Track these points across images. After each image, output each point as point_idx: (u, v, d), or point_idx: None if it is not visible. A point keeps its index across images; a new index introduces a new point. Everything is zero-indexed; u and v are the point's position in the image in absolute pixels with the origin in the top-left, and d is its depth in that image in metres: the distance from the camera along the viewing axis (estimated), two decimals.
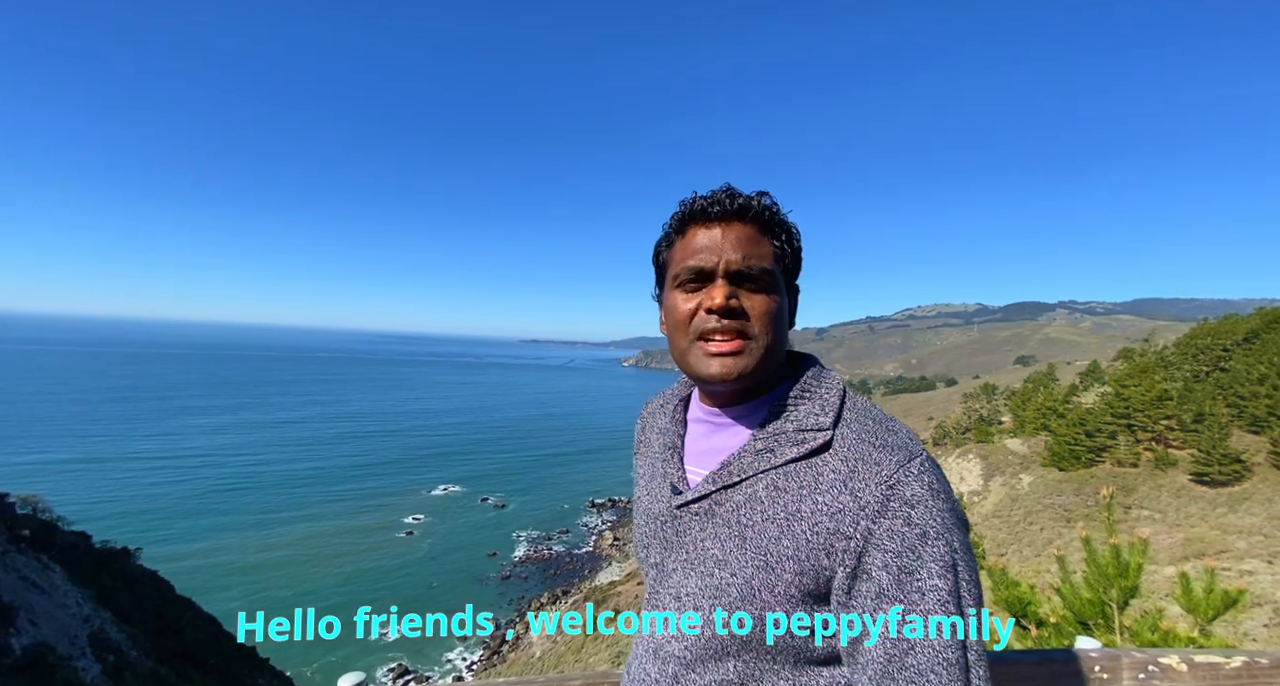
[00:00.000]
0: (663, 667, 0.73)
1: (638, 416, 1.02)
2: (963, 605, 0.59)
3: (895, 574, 0.59)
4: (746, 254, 0.70)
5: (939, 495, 0.62)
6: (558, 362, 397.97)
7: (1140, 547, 3.23)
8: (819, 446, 0.67)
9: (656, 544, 0.79)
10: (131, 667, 15.24)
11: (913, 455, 0.64)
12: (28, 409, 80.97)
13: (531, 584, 37.71)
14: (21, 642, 13.19)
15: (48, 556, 17.22)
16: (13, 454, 55.32)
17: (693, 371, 0.73)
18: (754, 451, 0.71)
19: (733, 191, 0.73)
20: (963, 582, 0.60)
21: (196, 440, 67.90)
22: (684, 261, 0.73)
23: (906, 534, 0.59)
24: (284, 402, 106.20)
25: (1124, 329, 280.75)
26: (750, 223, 0.72)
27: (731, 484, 0.71)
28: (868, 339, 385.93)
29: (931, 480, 0.62)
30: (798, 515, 0.64)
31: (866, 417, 0.69)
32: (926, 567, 0.59)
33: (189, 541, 38.79)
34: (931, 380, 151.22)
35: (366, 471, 60.39)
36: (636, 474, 0.93)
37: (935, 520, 0.60)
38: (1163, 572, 15.98)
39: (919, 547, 0.59)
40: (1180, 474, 27.17)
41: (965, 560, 0.61)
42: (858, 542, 0.61)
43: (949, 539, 0.60)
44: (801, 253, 0.78)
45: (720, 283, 0.70)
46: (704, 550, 0.71)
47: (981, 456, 36.34)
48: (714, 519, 0.71)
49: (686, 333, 0.73)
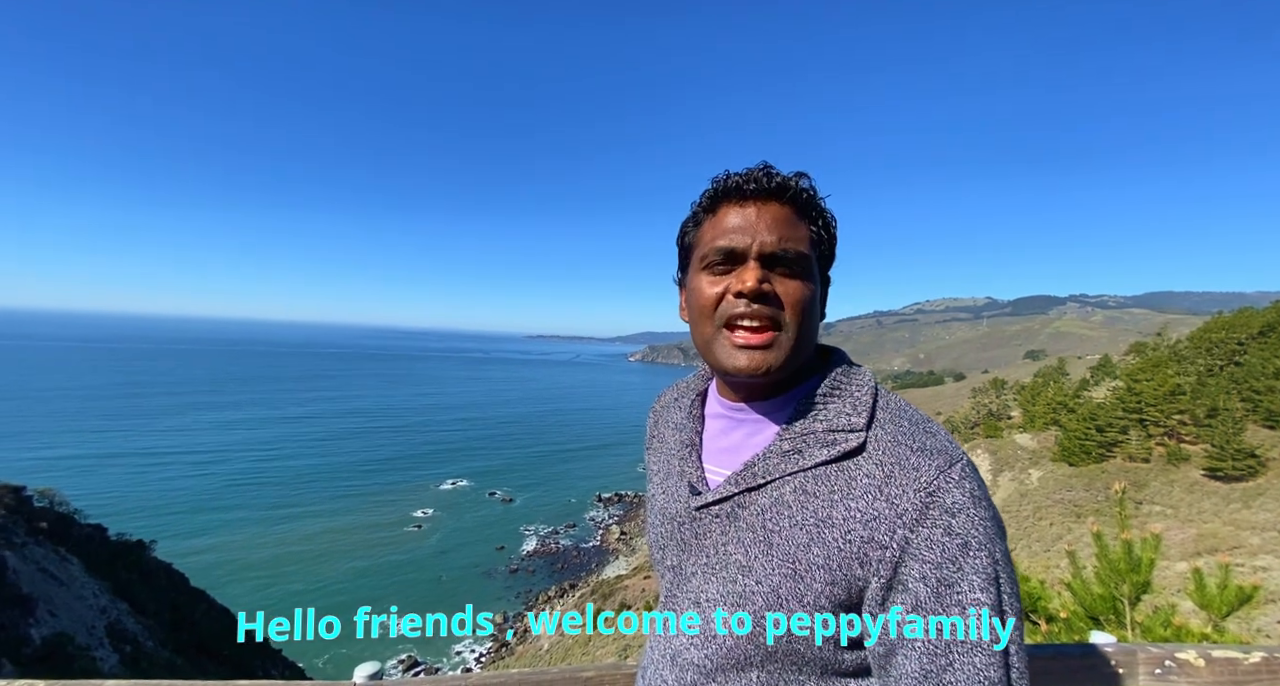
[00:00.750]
0: (680, 675, 0.70)
1: (650, 409, 0.96)
2: (1005, 618, 0.55)
3: (934, 586, 0.55)
4: (783, 236, 0.65)
5: (981, 503, 0.57)
6: (564, 358, 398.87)
7: (1153, 543, 3.20)
8: (852, 449, 0.62)
9: (674, 546, 0.75)
10: (148, 657, 15.52)
11: (953, 460, 0.59)
12: (44, 404, 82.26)
13: (539, 577, 37.98)
14: (41, 633, 13.46)
15: (65, 548, 17.53)
16: (30, 449, 56.28)
17: (717, 362, 0.68)
18: (780, 452, 0.66)
19: (770, 169, 0.68)
20: (1005, 596, 0.55)
21: (207, 436, 68.71)
22: (714, 241, 0.68)
23: (947, 544, 0.55)
24: (293, 398, 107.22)
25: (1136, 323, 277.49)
26: (788, 203, 0.67)
27: (756, 486, 0.66)
28: (875, 333, 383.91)
29: (973, 487, 0.58)
30: (829, 521, 0.60)
31: (902, 418, 0.65)
32: (968, 580, 0.55)
33: (201, 536, 39.35)
34: (940, 375, 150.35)
35: (375, 466, 60.92)
36: (650, 470, 0.87)
37: (978, 530, 0.56)
38: (1175, 568, 15.86)
39: (960, 559, 0.55)
40: (1193, 469, 26.89)
41: (1007, 572, 0.57)
42: (894, 552, 0.57)
43: (991, 549, 0.56)
44: (836, 241, 0.72)
45: (753, 265, 0.65)
46: (726, 555, 0.67)
47: (990, 451, 36.12)
48: (737, 522, 0.67)
49: (712, 319, 0.67)
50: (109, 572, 18.51)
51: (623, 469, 66.68)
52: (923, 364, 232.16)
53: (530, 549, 42.39)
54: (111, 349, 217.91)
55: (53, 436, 62.39)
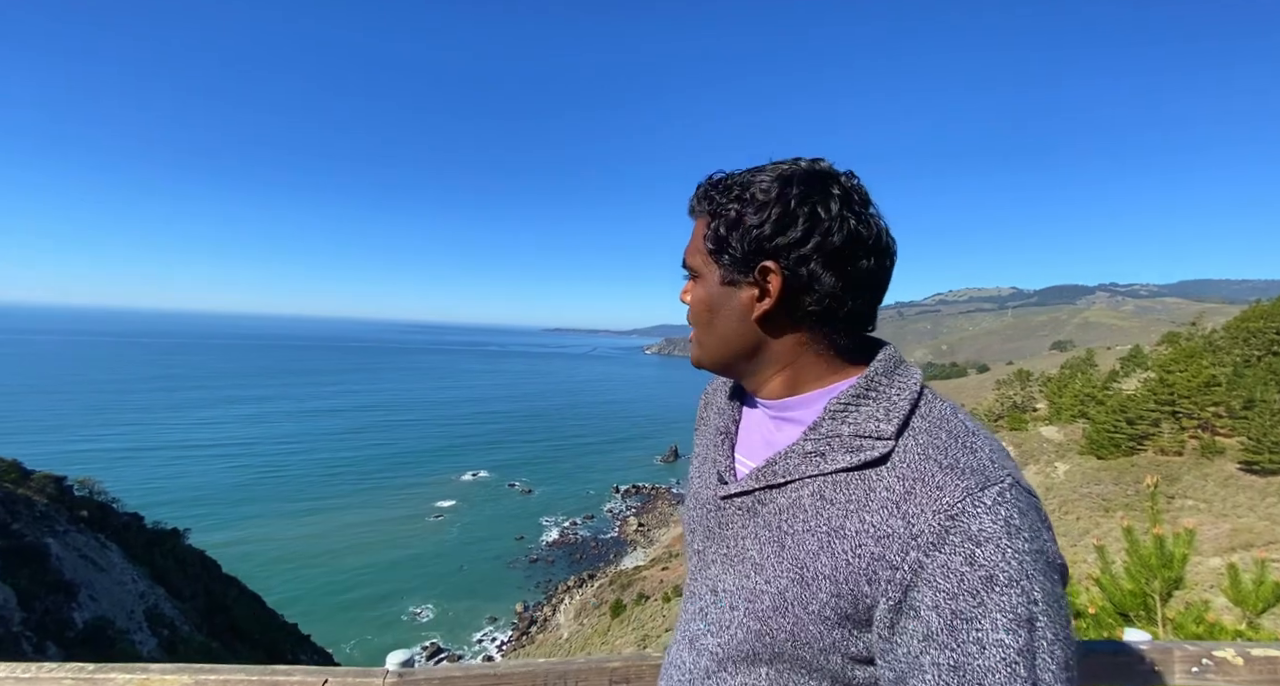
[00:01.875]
0: (696, 660, 0.71)
1: (703, 391, 0.96)
2: (1039, 670, 0.47)
3: (948, 618, 0.49)
4: (687, 251, 0.72)
5: (1019, 534, 0.50)
6: (581, 351, 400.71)
7: (1186, 538, 3.12)
8: (875, 458, 0.58)
9: (701, 531, 0.76)
10: (185, 642, 16.10)
11: (988, 481, 0.52)
12: (82, 397, 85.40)
13: (558, 567, 38.46)
14: (83, 617, 14.05)
15: (105, 536, 18.23)
16: (69, 441, 58.52)
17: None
18: (802, 453, 0.63)
19: (699, 188, 0.71)
20: (1041, 643, 0.47)
21: (236, 428, 70.64)
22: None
23: (967, 575, 0.49)
24: (318, 391, 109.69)
25: (1169, 312, 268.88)
26: (702, 216, 0.71)
27: (776, 484, 0.65)
28: (896, 325, 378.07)
29: (1010, 514, 0.51)
30: (841, 532, 0.57)
31: (940, 429, 0.59)
32: (990, 618, 0.48)
33: (231, 525, 40.58)
34: (963, 367, 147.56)
35: (397, 458, 62.13)
36: (694, 452, 0.89)
37: (1009, 563, 0.48)
38: (1208, 564, 15.45)
39: (982, 593, 0.48)
40: (1228, 462, 26.07)
41: (1049, 615, 0.48)
42: (905, 575, 0.52)
43: (1026, 587, 0.48)
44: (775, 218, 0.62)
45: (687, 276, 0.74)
46: (743, 549, 0.67)
47: (1015, 444, 35.41)
48: (756, 518, 0.66)
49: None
50: (146, 559, 19.22)
51: (640, 461, 66.98)
52: (945, 356, 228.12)
53: (550, 539, 42.92)
54: (144, 343, 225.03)
55: (91, 429, 64.80)
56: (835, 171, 0.65)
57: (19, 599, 12.95)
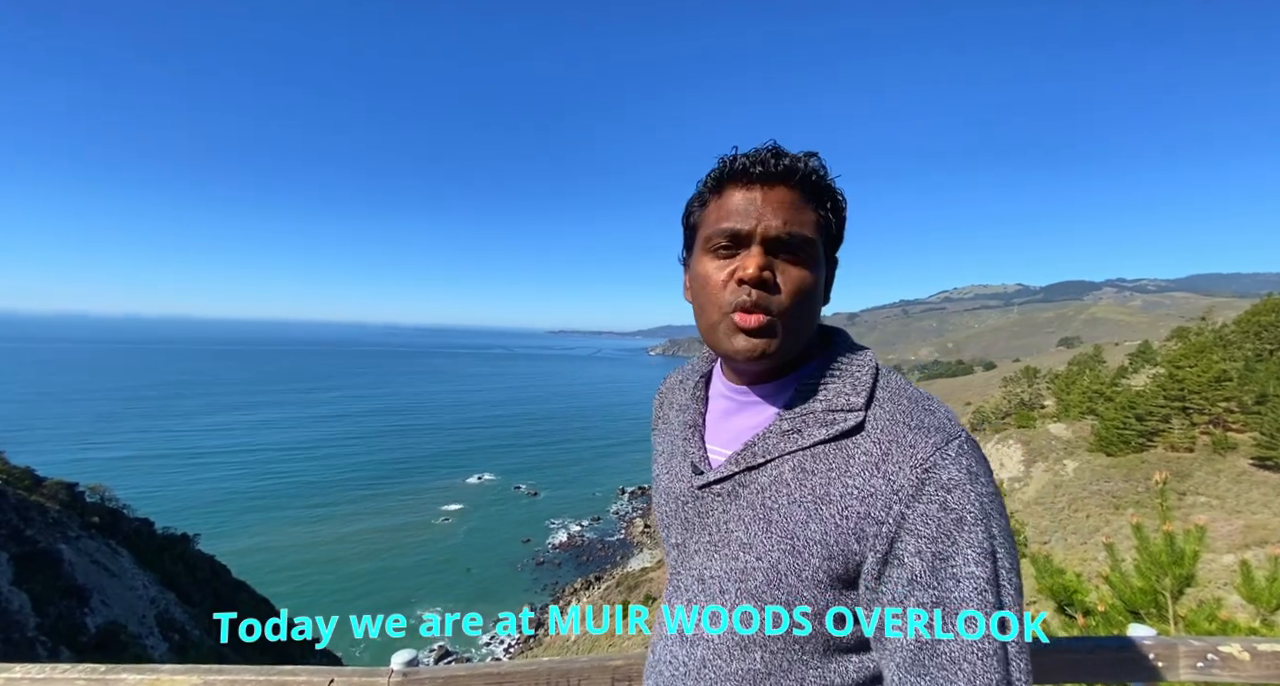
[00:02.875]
0: (690, 651, 0.71)
1: (656, 391, 0.98)
2: (1002, 594, 0.56)
3: (929, 560, 0.57)
4: (788, 220, 0.65)
5: (978, 479, 0.58)
6: (585, 353, 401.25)
7: (1197, 534, 3.08)
8: (850, 428, 0.64)
9: (678, 524, 0.76)
10: (195, 646, 16.20)
11: (950, 437, 0.60)
12: (91, 405, 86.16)
13: (565, 570, 38.46)
14: (95, 621, 14.17)
15: (116, 541, 18.39)
16: (81, 449, 59.10)
17: (719, 346, 0.69)
18: (780, 432, 0.67)
19: (778, 150, 0.66)
20: (1002, 571, 0.57)
21: (246, 435, 71.02)
22: (718, 223, 0.67)
23: (942, 519, 0.57)
24: (323, 397, 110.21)
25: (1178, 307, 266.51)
26: (795, 187, 0.66)
27: (756, 465, 0.68)
28: (902, 323, 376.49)
29: (970, 463, 0.59)
30: (826, 499, 0.62)
31: (901, 397, 0.65)
32: (962, 554, 0.56)
33: (240, 531, 40.81)
34: (969, 364, 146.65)
35: (404, 462, 62.33)
36: (655, 451, 0.89)
37: (973, 505, 0.57)
38: (1221, 561, 15.28)
39: (955, 533, 0.56)
40: (1240, 458, 25.77)
41: (1005, 547, 0.58)
42: (890, 527, 0.58)
43: (987, 525, 0.57)
44: (845, 222, 0.72)
45: (756, 250, 0.65)
46: (727, 532, 0.69)
47: (1023, 442, 35.14)
48: (738, 501, 0.69)
49: (717, 304, 0.67)
50: (157, 564, 19.38)
51: (646, 463, 66.35)
52: (951, 353, 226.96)
53: (556, 542, 42.93)
54: (152, 350, 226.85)
55: (101, 436, 65.41)
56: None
57: (33, 604, 13.08)
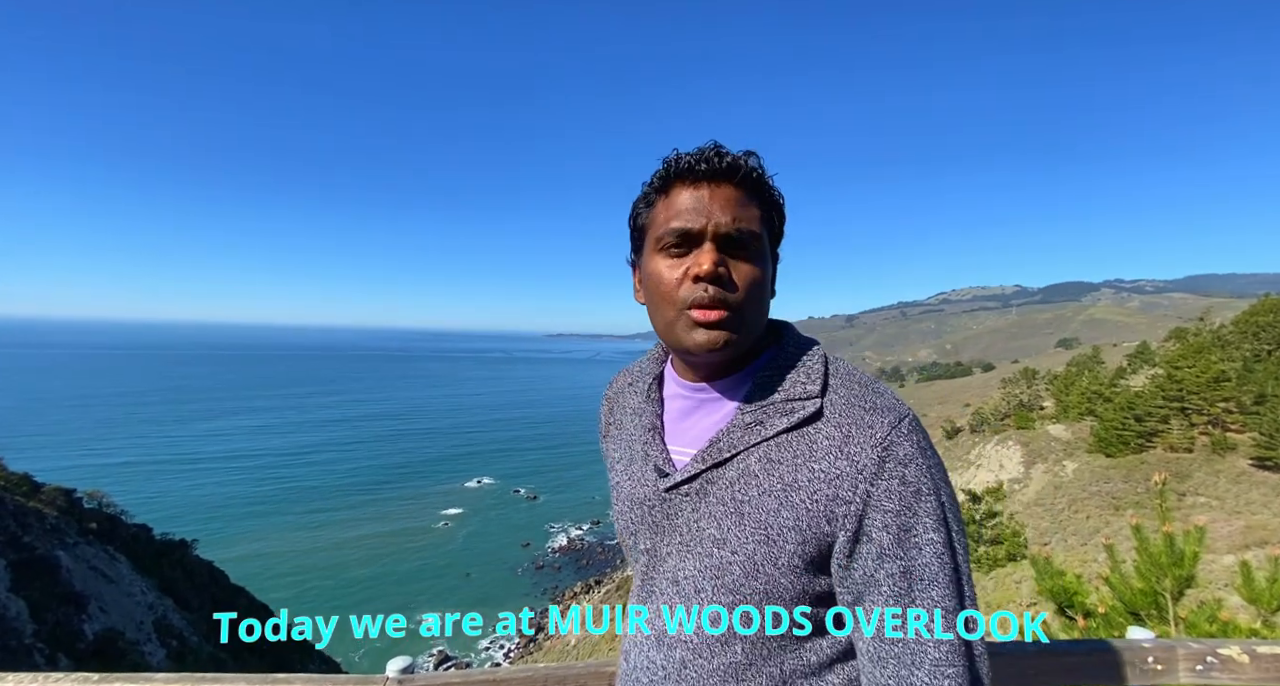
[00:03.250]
0: (669, 654, 0.71)
1: (602, 397, 0.98)
2: (955, 554, 0.62)
3: (895, 532, 0.61)
4: (736, 216, 0.67)
5: (927, 452, 0.63)
6: (584, 356, 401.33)
7: (1196, 535, 3.08)
8: (810, 414, 0.66)
9: (645, 529, 0.76)
10: (193, 653, 16.12)
11: (901, 415, 0.64)
12: (90, 411, 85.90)
13: (565, 574, 38.33)
14: (93, 628, 14.10)
15: (114, 547, 18.31)
16: (79, 455, 58.86)
17: (679, 343, 0.70)
18: (743, 425, 0.69)
19: (720, 149, 0.68)
20: (954, 534, 0.62)
21: (245, 441, 70.73)
22: (668, 223, 0.68)
23: (903, 492, 0.61)
24: (324, 402, 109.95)
25: (1176, 308, 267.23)
26: (738, 184, 0.68)
27: (722, 461, 0.69)
28: (900, 325, 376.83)
29: (919, 438, 0.64)
30: (795, 485, 0.64)
31: (852, 382, 0.69)
32: (922, 522, 0.61)
33: (239, 536, 40.61)
34: (968, 366, 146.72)
35: (403, 467, 62.17)
36: (610, 458, 0.88)
37: (927, 476, 0.62)
38: (1221, 562, 15.25)
39: (914, 504, 0.61)
40: (1240, 458, 25.76)
41: (954, 512, 0.64)
42: (858, 506, 0.62)
43: (938, 493, 0.62)
44: (784, 219, 0.75)
45: (709, 247, 0.67)
46: (699, 531, 0.70)
47: (1022, 443, 35.13)
48: (707, 498, 0.70)
49: (673, 302, 0.69)
50: (155, 570, 19.29)
51: None
52: (950, 355, 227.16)
53: (555, 546, 42.82)
54: (150, 355, 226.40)
55: (100, 442, 65.17)
56: None
57: (30, 611, 13.01)
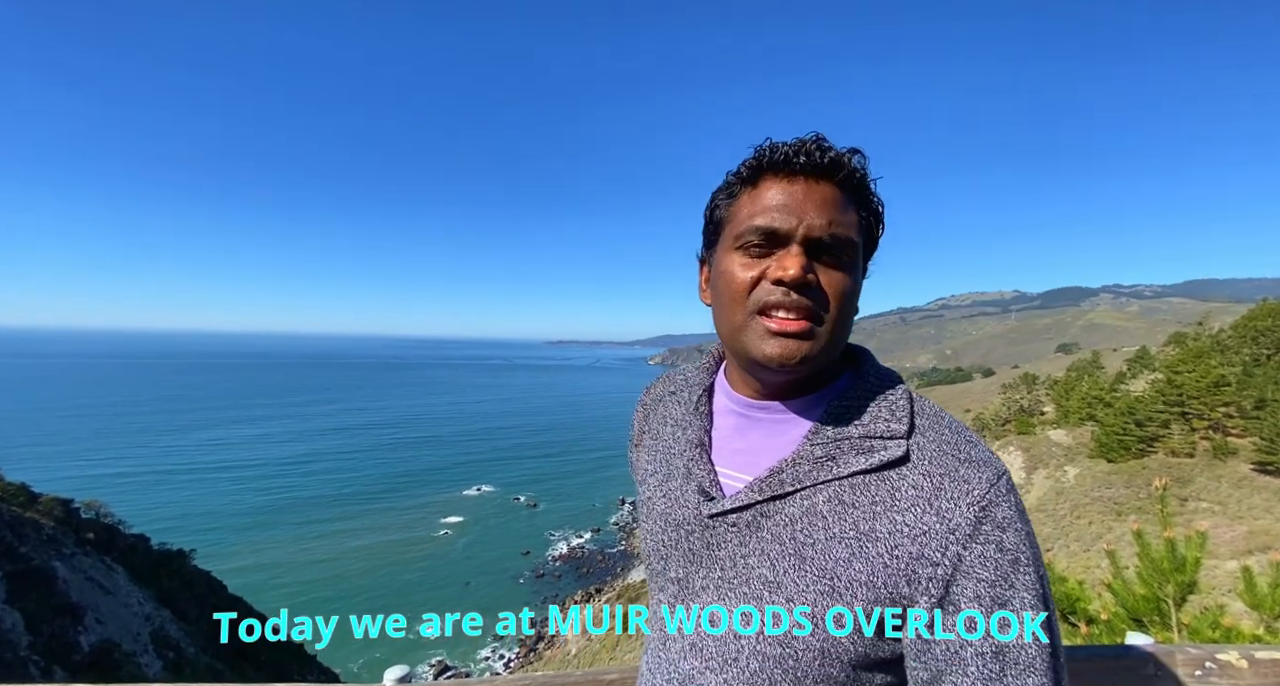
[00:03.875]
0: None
1: (638, 403, 0.89)
2: (1055, 637, 0.53)
3: (988, 605, 0.52)
4: (833, 220, 0.58)
5: (1024, 516, 0.55)
6: (585, 363, 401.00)
7: (1198, 541, 3.08)
8: (895, 458, 0.57)
9: (678, 556, 0.67)
10: (190, 663, 15.99)
11: (999, 472, 0.56)
12: (88, 422, 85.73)
13: (565, 582, 38.12)
14: (90, 640, 13.99)
15: (111, 558, 18.21)
16: (78, 466, 58.68)
17: (745, 351, 0.61)
18: (812, 458, 0.60)
19: (823, 142, 0.59)
20: (1054, 612, 0.54)
21: (244, 451, 70.38)
22: (752, 219, 0.60)
23: (1000, 561, 0.52)
24: (324, 410, 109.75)
25: (1175, 312, 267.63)
26: (839, 184, 0.60)
27: (784, 494, 0.60)
28: (899, 330, 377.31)
29: (1017, 499, 0.56)
30: (872, 535, 0.55)
31: (942, 426, 0.60)
32: (1020, 597, 0.52)
33: (237, 546, 40.41)
34: (968, 371, 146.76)
35: (403, 475, 61.97)
36: (642, 471, 0.80)
37: (1025, 543, 0.53)
38: (1224, 567, 15.19)
39: (1012, 576, 0.52)
40: (1241, 463, 25.72)
41: (1047, 584, 0.55)
42: (946, 570, 0.53)
43: (1038, 565, 0.54)
44: (883, 229, 0.66)
45: (796, 250, 0.58)
46: (747, 568, 0.60)
47: (1023, 448, 35.09)
48: (760, 533, 0.61)
49: (744, 304, 0.60)
50: (152, 580, 19.17)
51: None
52: (950, 360, 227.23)
53: (555, 554, 42.60)
54: (149, 365, 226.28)
55: (98, 452, 64.99)
56: None
57: (26, 622, 12.91)
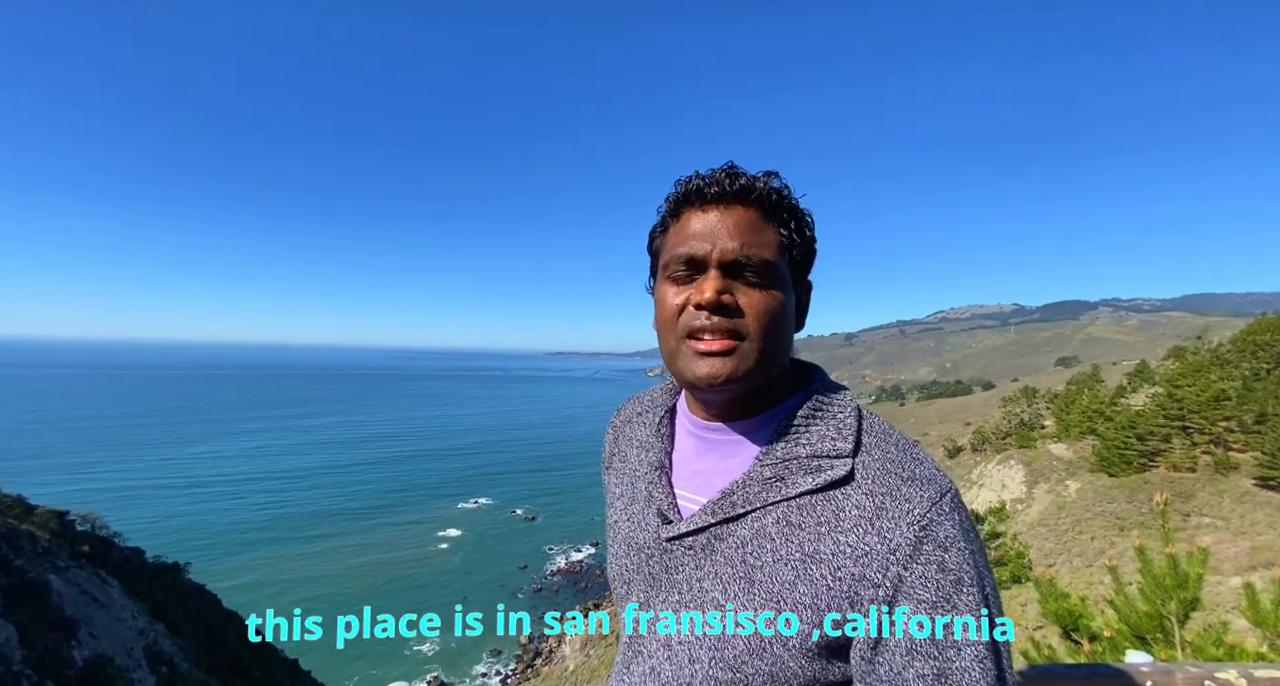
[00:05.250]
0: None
1: (608, 425, 0.90)
2: (1000, 658, 0.53)
3: (929, 627, 0.52)
4: (745, 242, 0.60)
5: (969, 535, 0.55)
6: (584, 374, 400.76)
7: (1200, 557, 3.08)
8: (839, 477, 0.58)
9: (640, 580, 0.68)
10: (183, 679, 15.76)
11: (943, 490, 0.56)
12: (84, 432, 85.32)
13: (563, 596, 37.69)
14: (83, 654, 13.80)
15: (105, 571, 18.02)
16: (74, 479, 58.27)
17: (680, 373, 0.63)
18: (761, 479, 0.61)
19: (734, 170, 0.63)
20: (997, 633, 0.53)
21: (240, 464, 69.64)
22: (675, 248, 0.63)
23: (941, 581, 0.52)
24: (322, 423, 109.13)
25: (1174, 326, 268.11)
26: (752, 206, 0.62)
27: (735, 516, 0.61)
28: (899, 343, 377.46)
29: (962, 518, 0.55)
30: (816, 557, 0.56)
31: (888, 444, 0.61)
32: (962, 619, 0.52)
33: (232, 559, 39.99)
34: (968, 384, 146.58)
35: (400, 488, 61.50)
36: (610, 493, 0.81)
37: (968, 563, 0.53)
38: (1228, 584, 15.08)
39: (954, 596, 0.52)
40: (1243, 478, 25.63)
41: (995, 604, 0.54)
42: (887, 591, 0.53)
43: (981, 585, 0.53)
44: (815, 243, 0.67)
45: (713, 274, 0.60)
46: (701, 592, 0.61)
47: (1024, 462, 34.97)
48: (714, 556, 0.61)
49: (675, 329, 0.63)
50: (147, 594, 18.95)
51: None
52: (949, 373, 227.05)
53: (554, 568, 42.16)
54: (142, 375, 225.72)
55: (94, 466, 64.57)
56: None
57: (20, 636, 12.75)
